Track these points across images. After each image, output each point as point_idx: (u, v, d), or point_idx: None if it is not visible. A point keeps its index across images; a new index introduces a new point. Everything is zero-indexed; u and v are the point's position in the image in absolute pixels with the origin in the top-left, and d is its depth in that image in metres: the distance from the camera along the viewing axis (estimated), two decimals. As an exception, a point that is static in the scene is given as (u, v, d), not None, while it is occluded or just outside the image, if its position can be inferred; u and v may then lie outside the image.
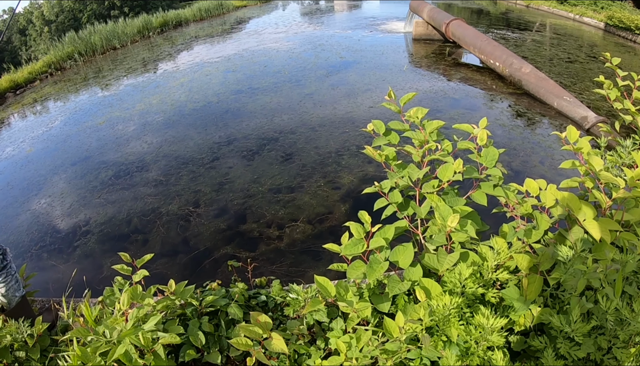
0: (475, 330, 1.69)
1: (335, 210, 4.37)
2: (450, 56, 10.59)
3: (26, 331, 2.37)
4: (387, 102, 2.54)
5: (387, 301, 1.94)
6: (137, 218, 4.72)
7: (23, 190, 6.00)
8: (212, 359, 2.03)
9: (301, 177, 5.03)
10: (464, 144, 2.30)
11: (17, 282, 2.57)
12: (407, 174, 2.24)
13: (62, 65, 15.20)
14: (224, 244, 4.06)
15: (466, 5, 26.27)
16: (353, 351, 1.78)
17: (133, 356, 1.82)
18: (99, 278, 3.95)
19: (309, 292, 2.16)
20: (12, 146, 7.94)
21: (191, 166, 5.72)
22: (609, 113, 6.50)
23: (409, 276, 1.91)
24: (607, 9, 15.87)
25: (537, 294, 1.75)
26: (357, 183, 4.80)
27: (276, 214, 4.39)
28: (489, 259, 1.88)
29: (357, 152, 5.49)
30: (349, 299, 1.91)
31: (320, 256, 3.75)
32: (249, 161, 5.65)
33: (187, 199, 4.92)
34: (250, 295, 2.48)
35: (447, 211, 1.94)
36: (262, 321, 1.91)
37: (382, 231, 2.01)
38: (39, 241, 4.71)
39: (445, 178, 2.12)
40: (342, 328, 2.05)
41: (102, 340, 1.92)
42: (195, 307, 2.22)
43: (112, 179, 5.76)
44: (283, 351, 1.82)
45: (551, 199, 2.05)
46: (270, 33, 16.76)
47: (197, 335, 2.03)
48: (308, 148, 5.77)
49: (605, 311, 1.57)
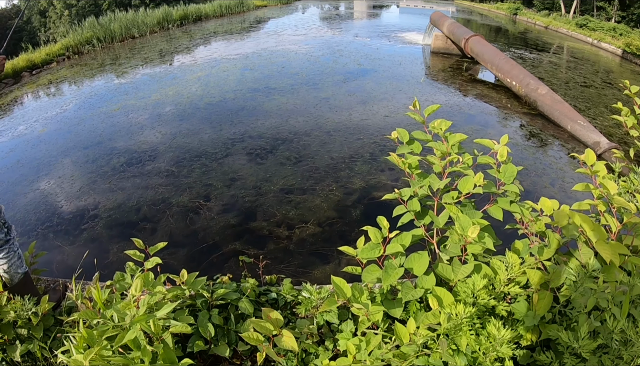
0: (485, 340, 1.71)
1: (346, 215, 4.35)
2: (467, 71, 10.58)
3: (31, 309, 2.36)
4: (411, 111, 2.54)
5: (400, 307, 1.93)
6: (147, 207, 4.72)
7: (33, 169, 6.01)
8: (220, 351, 2.01)
9: (313, 180, 5.02)
10: (484, 159, 2.30)
11: (20, 259, 2.56)
12: (428, 184, 2.24)
13: (80, 49, 15.29)
14: (233, 240, 4.05)
15: (485, 22, 26.31)
16: (362, 354, 1.78)
17: (142, 342, 1.81)
18: (104, 263, 3.94)
19: (322, 293, 2.15)
20: (25, 124, 7.97)
21: (204, 160, 5.72)
22: (621, 140, 6.49)
23: (422, 283, 1.91)
24: (626, 35, 15.85)
25: (546, 310, 1.78)
26: (368, 190, 4.79)
27: (287, 215, 4.38)
28: (501, 273, 1.90)
29: (371, 159, 5.48)
30: (364, 302, 1.90)
31: (328, 259, 3.73)
32: (262, 160, 5.65)
33: (198, 192, 4.92)
34: (261, 292, 2.47)
35: (467, 222, 1.95)
36: (273, 317, 1.90)
37: (400, 238, 2.02)
38: (46, 221, 4.71)
39: (465, 190, 2.13)
40: (352, 330, 2.05)
41: (109, 323, 1.91)
42: (206, 299, 2.21)
43: (124, 166, 5.76)
44: (293, 348, 1.81)
45: (564, 219, 2.05)
46: (289, 35, 16.82)
47: (206, 327, 2.02)
48: (322, 152, 5.76)
49: (611, 330, 1.61)
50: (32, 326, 2.37)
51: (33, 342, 2.36)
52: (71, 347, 1.95)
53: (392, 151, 2.44)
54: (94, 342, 1.85)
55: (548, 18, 24.86)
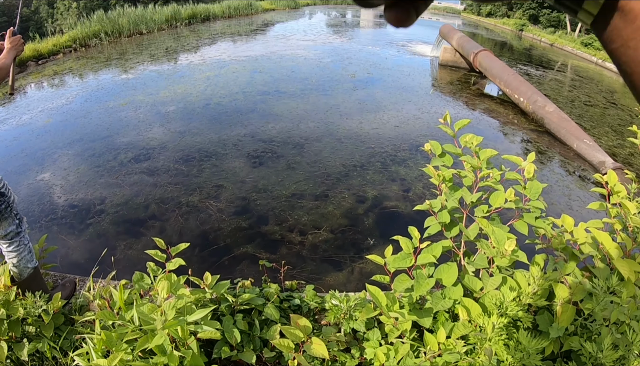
0: (514, 350, 1.74)
1: (358, 223, 4.31)
2: (474, 86, 10.60)
3: (42, 306, 2.28)
4: (442, 124, 2.53)
5: (429, 316, 1.94)
6: (155, 205, 4.66)
7: (38, 160, 5.92)
8: (246, 358, 1.96)
9: (325, 186, 4.98)
10: (512, 175, 2.31)
11: (31, 253, 2.49)
12: (460, 196, 2.25)
13: (87, 42, 15.22)
14: (245, 243, 3.99)
15: (491, 36, 26.48)
16: (391, 362, 1.76)
17: (167, 348, 1.75)
18: (110, 260, 3.88)
19: (350, 301, 2.11)
20: (29, 114, 7.87)
21: (214, 160, 5.66)
22: (625, 161, 6.52)
23: (450, 294, 1.92)
24: (632, 59, 15.92)
25: (569, 322, 1.81)
26: (381, 199, 4.75)
27: (299, 220, 4.33)
28: (526, 286, 1.92)
29: (382, 169, 5.45)
30: (397, 311, 1.88)
31: (341, 266, 3.69)
32: (274, 163, 5.60)
33: (209, 192, 4.87)
34: (283, 298, 2.42)
35: (502, 236, 1.96)
36: (302, 324, 1.86)
37: (431, 248, 2.02)
38: (50, 213, 4.63)
39: (496, 205, 2.15)
40: (379, 338, 2.04)
41: (129, 326, 1.86)
42: (230, 303, 2.16)
43: (132, 162, 5.70)
44: (324, 356, 1.77)
45: (582, 235, 2.13)
46: (298, 40, 16.84)
47: (232, 332, 1.97)
48: (333, 158, 5.73)
49: (630, 342, 1.67)
50: (42, 324, 2.28)
51: (42, 341, 2.27)
52: (91, 350, 1.89)
53: (402, 162, 2.44)
54: (112, 345, 1.80)
55: (554, 36, 25.08)
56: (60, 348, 2.34)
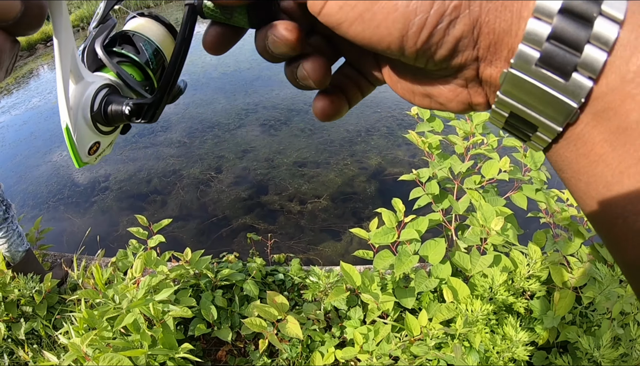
0: (501, 340, 1.61)
1: (360, 191, 4.20)
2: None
3: (34, 287, 2.34)
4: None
5: (412, 297, 1.82)
6: (158, 179, 4.64)
7: (46, 141, 5.96)
8: (222, 335, 1.92)
9: (328, 153, 4.86)
10: (510, 141, 2.11)
11: (20, 237, 2.55)
12: (449, 165, 2.07)
13: (95, 19, 15.14)
14: (243, 214, 3.94)
15: None
16: (370, 345, 1.68)
17: (141, 326, 1.72)
18: (114, 235, 3.89)
19: (331, 277, 2.02)
20: (39, 96, 7.91)
21: (216, 131, 5.59)
22: None
23: (437, 273, 1.79)
24: None
25: (567, 310, 1.68)
26: (385, 165, 4.61)
27: (299, 188, 4.25)
28: (522, 267, 1.78)
29: (388, 133, 5.28)
30: (374, 291, 1.77)
31: (339, 236, 3.61)
32: (276, 131, 5.49)
33: (210, 163, 4.81)
34: (268, 272, 2.36)
35: (490, 212, 1.78)
36: (279, 302, 1.79)
37: (415, 223, 1.86)
38: (57, 193, 4.67)
39: (489, 175, 1.97)
40: (360, 317, 1.95)
41: (110, 304, 1.83)
42: (210, 279, 2.11)
43: (136, 137, 5.67)
44: (297, 336, 1.71)
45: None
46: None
47: (209, 309, 1.92)
48: (338, 124, 5.56)
49: (634, 338, 1.52)
50: (36, 304, 2.36)
51: (37, 320, 2.36)
52: (70, 328, 1.88)
53: (409, 126, 2.27)
54: (94, 323, 1.79)
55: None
56: (53, 326, 2.41)
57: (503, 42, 0.27)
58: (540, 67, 0.25)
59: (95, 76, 0.43)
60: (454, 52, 0.27)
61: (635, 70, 0.23)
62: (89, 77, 0.42)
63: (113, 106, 0.42)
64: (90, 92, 0.41)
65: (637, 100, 0.23)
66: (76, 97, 0.40)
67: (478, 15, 0.26)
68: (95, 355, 1.53)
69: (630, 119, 0.23)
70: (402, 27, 0.26)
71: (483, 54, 0.28)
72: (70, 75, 0.39)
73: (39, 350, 2.26)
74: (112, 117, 0.42)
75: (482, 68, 0.29)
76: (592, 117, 0.25)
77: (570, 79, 0.25)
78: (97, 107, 0.42)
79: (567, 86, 0.25)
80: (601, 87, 0.24)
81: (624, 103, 0.23)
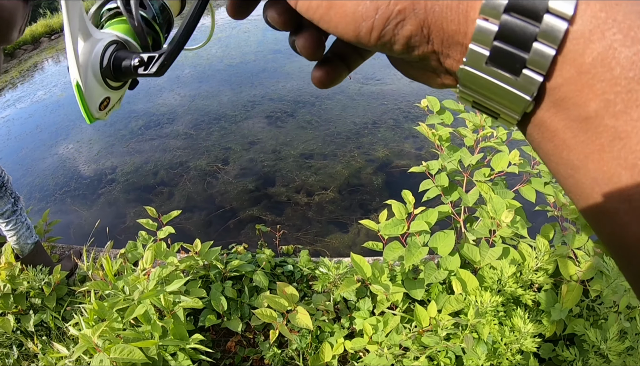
0: (509, 332, 1.62)
1: (367, 183, 4.18)
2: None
3: (43, 279, 2.35)
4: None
5: (421, 288, 1.81)
6: (164, 170, 4.64)
7: (51, 134, 5.96)
8: (232, 326, 1.92)
9: (335, 145, 4.83)
10: (519, 134, 2.09)
11: (29, 229, 2.54)
12: (459, 158, 2.06)
13: (100, 11, 15.10)
14: (251, 206, 3.93)
15: None
16: (379, 335, 1.67)
17: (152, 317, 1.72)
18: (121, 227, 3.90)
19: (340, 268, 2.01)
20: (44, 90, 7.91)
21: (223, 122, 5.57)
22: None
23: (446, 264, 1.79)
24: None
25: (574, 303, 1.67)
26: (392, 157, 4.58)
27: (306, 180, 4.23)
28: (530, 260, 1.78)
29: (395, 126, 5.24)
30: (384, 282, 1.76)
31: (347, 228, 3.60)
32: (282, 123, 5.47)
33: (217, 155, 4.80)
34: (277, 263, 2.36)
35: (500, 204, 1.78)
36: (289, 292, 1.79)
37: (425, 214, 1.87)
38: (64, 185, 4.68)
39: (499, 168, 1.96)
40: (370, 308, 1.95)
41: (120, 295, 1.83)
42: (220, 270, 2.10)
43: (142, 129, 5.66)
44: (308, 326, 1.70)
45: None
46: None
47: (219, 300, 1.92)
48: (344, 116, 5.54)
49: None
50: (45, 296, 2.37)
51: (46, 312, 2.37)
52: (80, 320, 1.88)
53: (416, 118, 2.25)
54: (104, 314, 1.79)
55: None
56: (62, 317, 2.42)
57: (455, 41, 0.28)
58: (491, 65, 0.26)
59: (103, 33, 0.43)
60: (408, 47, 0.29)
61: (591, 61, 0.23)
62: (97, 34, 0.42)
63: (122, 60, 0.43)
64: (99, 48, 0.42)
65: (594, 90, 0.23)
66: (85, 54, 0.41)
67: (424, 17, 0.27)
68: (106, 346, 1.54)
69: (590, 108, 0.24)
70: (354, 28, 0.28)
71: (439, 49, 0.29)
72: (79, 33, 0.40)
73: (48, 342, 2.27)
74: (122, 72, 0.43)
75: (443, 60, 0.30)
76: (552, 106, 0.26)
77: (521, 75, 0.25)
78: (107, 63, 0.42)
79: (517, 82, 0.26)
80: (556, 79, 0.25)
81: (581, 93, 0.24)
